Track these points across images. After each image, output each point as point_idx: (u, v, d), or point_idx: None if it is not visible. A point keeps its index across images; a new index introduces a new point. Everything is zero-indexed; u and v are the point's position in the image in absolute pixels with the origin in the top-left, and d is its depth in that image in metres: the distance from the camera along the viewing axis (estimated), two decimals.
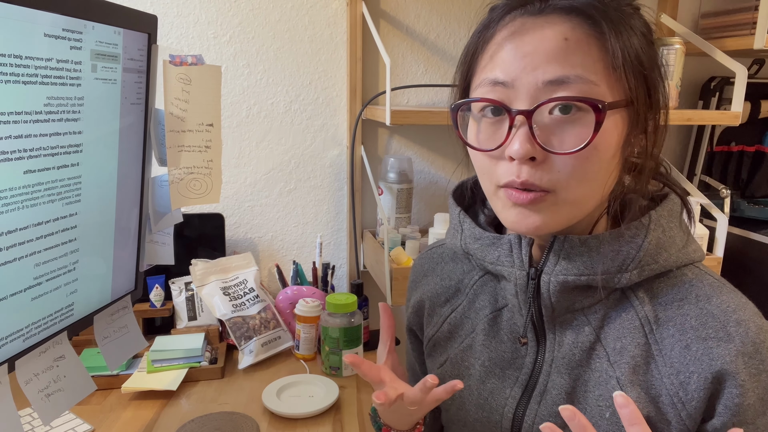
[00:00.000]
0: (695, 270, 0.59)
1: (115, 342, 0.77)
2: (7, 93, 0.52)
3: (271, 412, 0.95)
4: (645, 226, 0.57)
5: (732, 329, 0.54)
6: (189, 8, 1.28)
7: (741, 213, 1.48)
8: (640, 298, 0.58)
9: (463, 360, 0.68)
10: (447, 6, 1.39)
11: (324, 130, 1.39)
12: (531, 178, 0.53)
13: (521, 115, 0.52)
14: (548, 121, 0.53)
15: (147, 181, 0.79)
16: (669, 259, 0.57)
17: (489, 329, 0.66)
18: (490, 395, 0.65)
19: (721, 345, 0.54)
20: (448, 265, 0.74)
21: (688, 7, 1.48)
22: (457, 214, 0.68)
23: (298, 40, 1.34)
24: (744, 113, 1.43)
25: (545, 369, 0.61)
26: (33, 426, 0.88)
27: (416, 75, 1.41)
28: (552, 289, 0.58)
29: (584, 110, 0.52)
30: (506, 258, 0.62)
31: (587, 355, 0.59)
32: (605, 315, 0.59)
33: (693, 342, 0.55)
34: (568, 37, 0.52)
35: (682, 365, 0.55)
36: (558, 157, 0.52)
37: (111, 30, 0.64)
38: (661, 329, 0.57)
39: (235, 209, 1.39)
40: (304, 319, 1.14)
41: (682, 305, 0.57)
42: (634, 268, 0.56)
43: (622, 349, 0.57)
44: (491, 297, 0.67)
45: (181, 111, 0.77)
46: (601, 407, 0.57)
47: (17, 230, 0.56)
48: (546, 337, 0.62)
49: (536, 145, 0.52)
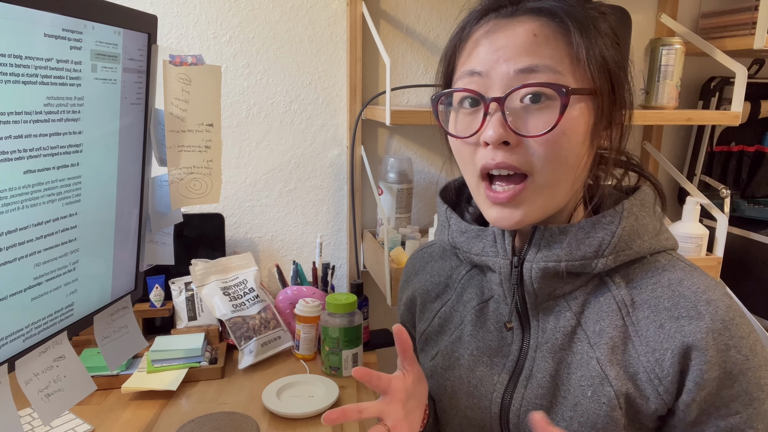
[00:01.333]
0: (668, 256, 0.63)
1: (115, 342, 0.77)
2: (7, 93, 0.52)
3: (271, 412, 0.95)
4: (619, 213, 0.61)
5: (702, 308, 0.58)
6: (189, 8, 1.28)
7: (741, 213, 1.48)
8: (617, 283, 0.62)
9: (453, 351, 0.72)
10: (447, 6, 1.39)
11: (324, 130, 1.39)
12: (507, 159, 0.57)
13: (494, 102, 0.57)
14: (519, 108, 0.57)
15: (147, 181, 0.79)
16: (642, 246, 0.61)
17: (476, 320, 0.70)
18: (479, 382, 0.68)
19: (692, 322, 0.57)
20: (438, 263, 0.78)
21: (688, 7, 1.48)
22: (444, 210, 0.73)
23: (298, 40, 1.34)
24: (744, 113, 1.43)
25: (530, 354, 0.65)
26: (33, 426, 0.88)
27: (416, 75, 1.41)
28: (534, 276, 0.62)
29: (552, 98, 0.56)
30: (491, 248, 0.66)
31: (569, 339, 0.63)
32: (585, 300, 0.63)
33: (666, 321, 0.58)
34: (536, 33, 0.57)
35: (656, 343, 0.58)
36: (530, 141, 0.57)
37: (111, 30, 0.64)
38: (636, 311, 0.60)
39: (235, 209, 1.39)
40: (304, 319, 1.14)
41: (656, 288, 0.61)
42: (610, 254, 0.60)
43: (601, 331, 0.61)
44: (478, 289, 0.71)
45: (181, 111, 0.77)
46: (583, 386, 0.61)
47: (17, 230, 0.56)
48: (530, 324, 0.65)
49: (508, 129, 0.57)
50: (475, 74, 0.59)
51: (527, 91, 0.56)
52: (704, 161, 1.52)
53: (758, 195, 1.52)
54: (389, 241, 1.17)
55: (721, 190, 1.39)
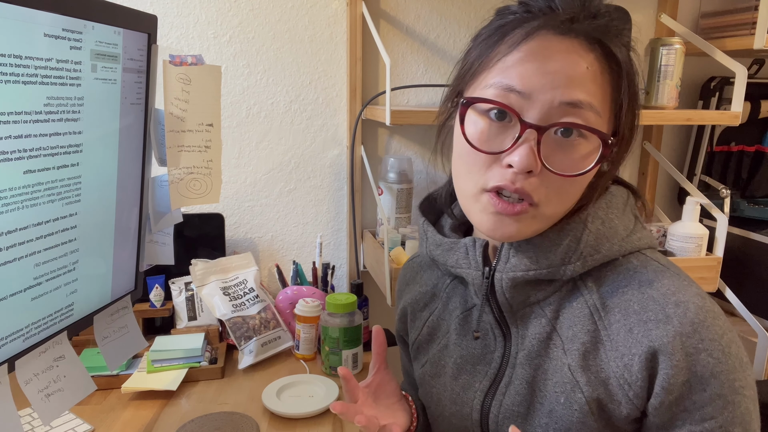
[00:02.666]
0: (641, 257, 0.62)
1: (115, 342, 0.77)
2: (7, 93, 0.52)
3: (271, 412, 0.95)
4: (582, 220, 0.60)
5: (671, 310, 0.56)
6: (189, 8, 1.28)
7: (741, 213, 1.48)
8: (589, 287, 0.61)
9: (440, 359, 0.72)
10: (447, 6, 1.39)
11: (324, 130, 1.39)
12: (526, 188, 0.56)
13: (532, 129, 0.55)
14: (552, 139, 0.56)
15: (147, 181, 0.79)
16: (612, 249, 0.61)
17: (460, 328, 0.70)
18: (462, 390, 0.69)
19: (659, 326, 0.56)
20: (426, 273, 0.79)
21: (688, 7, 1.48)
22: (421, 224, 0.74)
23: (298, 40, 1.34)
24: (744, 113, 1.43)
25: (511, 362, 0.65)
26: (33, 426, 0.88)
27: (416, 75, 1.41)
28: (504, 286, 0.62)
29: (586, 138, 0.56)
30: (463, 260, 0.66)
31: (545, 345, 0.63)
32: (559, 306, 0.63)
33: (635, 325, 0.57)
34: (589, 66, 0.55)
35: (625, 348, 0.58)
36: (550, 174, 0.56)
37: (111, 30, 0.64)
38: (608, 315, 0.60)
39: (235, 209, 1.39)
40: (304, 319, 1.14)
41: (626, 291, 0.60)
42: (577, 260, 0.60)
43: (574, 336, 0.61)
44: (461, 298, 0.72)
45: (181, 111, 0.77)
46: (557, 393, 0.61)
47: (17, 230, 0.56)
48: (511, 333, 0.65)
49: (539, 161, 0.55)
50: (513, 91, 0.55)
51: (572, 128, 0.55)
52: (704, 161, 1.52)
53: (758, 195, 1.52)
54: (389, 241, 1.17)
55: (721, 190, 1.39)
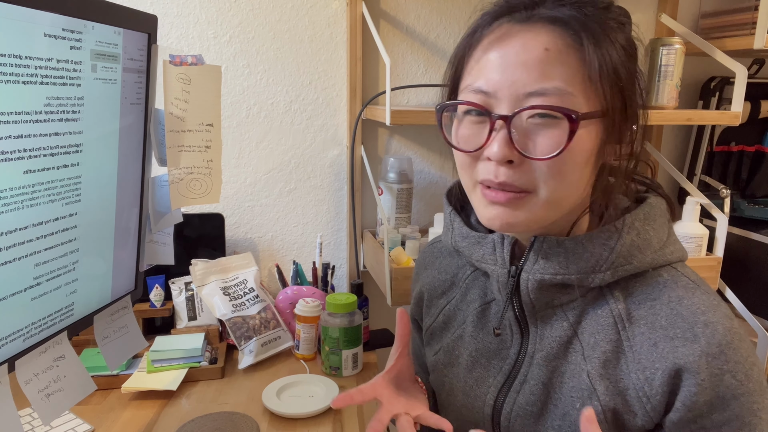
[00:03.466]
0: (672, 271, 0.62)
1: (115, 342, 0.77)
2: (7, 93, 0.52)
3: (271, 412, 0.95)
4: (618, 230, 0.60)
5: (699, 330, 0.56)
6: (189, 8, 1.28)
7: (741, 213, 1.48)
8: (616, 296, 0.61)
9: (454, 349, 0.73)
10: (447, 6, 1.39)
11: (324, 130, 1.39)
12: (508, 179, 0.56)
13: (501, 120, 0.56)
14: (526, 126, 0.56)
15: (147, 181, 0.79)
16: (643, 261, 0.60)
17: (477, 321, 0.70)
18: (475, 383, 0.69)
19: (686, 345, 0.56)
20: (446, 260, 0.79)
21: (688, 7, 1.48)
22: (448, 213, 0.73)
23: (298, 40, 1.34)
24: (744, 113, 1.43)
25: (527, 361, 0.65)
26: (33, 426, 0.88)
27: (416, 75, 1.41)
28: (530, 287, 0.62)
29: (557, 118, 0.55)
30: (490, 256, 0.66)
31: (564, 349, 0.63)
32: (583, 311, 0.62)
33: (661, 340, 0.57)
34: (548, 47, 0.54)
35: (648, 362, 0.58)
36: (533, 160, 0.56)
37: (111, 30, 0.64)
38: (633, 327, 0.59)
39: (235, 209, 1.39)
40: (304, 319, 1.14)
41: (654, 305, 0.59)
42: (607, 269, 0.59)
43: (596, 344, 0.60)
44: (481, 291, 0.72)
45: (181, 111, 0.77)
46: (573, 398, 0.61)
47: (17, 230, 0.56)
48: (529, 331, 0.65)
49: (514, 149, 0.56)
50: (481, 92, 0.57)
51: (535, 112, 0.55)
52: (704, 161, 1.52)
53: (758, 195, 1.52)
54: (389, 241, 1.17)
55: (721, 190, 1.39)
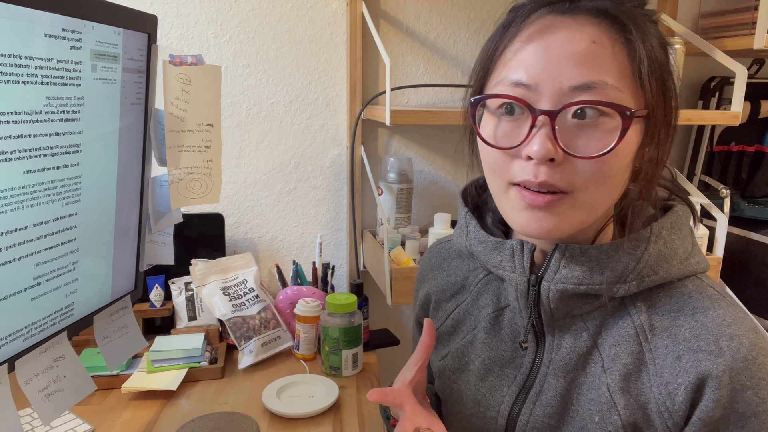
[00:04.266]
0: (696, 281, 0.59)
1: (115, 342, 0.77)
2: (7, 93, 0.52)
3: (271, 412, 0.95)
4: (646, 238, 0.57)
5: (724, 344, 0.54)
6: (189, 8, 1.28)
7: (741, 213, 1.48)
8: (638, 307, 0.58)
9: (464, 355, 0.70)
10: (447, 6, 1.39)
11: (324, 130, 1.39)
12: (550, 179, 0.53)
13: (545, 116, 0.52)
14: (569, 124, 0.52)
15: (147, 181, 0.79)
16: (669, 271, 0.57)
17: (491, 328, 0.68)
18: (488, 392, 0.66)
19: (710, 358, 0.54)
20: (455, 262, 0.75)
21: (688, 7, 1.48)
22: (464, 215, 0.69)
23: (298, 40, 1.34)
24: (744, 113, 1.43)
25: (542, 371, 0.62)
26: (33, 426, 0.88)
27: (416, 75, 1.41)
28: (552, 296, 0.59)
29: (607, 115, 0.52)
30: (508, 263, 0.62)
31: (583, 360, 0.60)
32: (603, 322, 0.60)
33: (684, 353, 0.55)
34: (596, 40, 0.51)
35: (671, 376, 0.55)
36: (577, 160, 0.52)
37: (111, 30, 0.64)
38: (655, 339, 0.57)
39: (235, 209, 1.39)
40: (304, 319, 1.14)
41: (678, 316, 0.57)
42: (633, 279, 0.56)
43: (616, 356, 0.58)
44: (494, 296, 0.68)
45: (181, 111, 0.76)
46: (591, 411, 0.58)
47: (17, 230, 0.56)
48: (545, 340, 0.63)
49: (557, 146, 0.52)
50: (521, 85, 0.53)
51: (586, 107, 0.51)
52: (704, 161, 1.52)
53: (758, 195, 1.52)
54: (389, 241, 1.17)
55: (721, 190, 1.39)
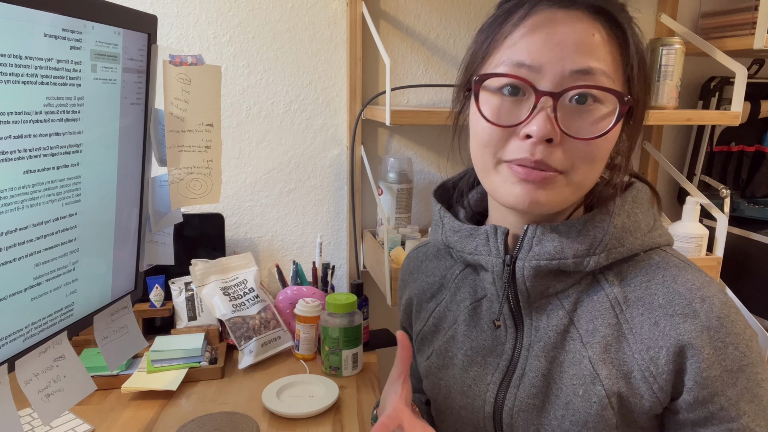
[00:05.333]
0: (662, 253, 0.63)
1: (115, 342, 0.77)
2: (7, 93, 0.52)
3: (271, 412, 0.95)
4: (610, 211, 0.61)
5: (697, 305, 0.57)
6: (189, 8, 1.28)
7: (741, 213, 1.48)
8: (610, 281, 0.62)
9: (447, 351, 0.72)
10: (447, 6, 1.39)
11: (324, 130, 1.39)
12: (545, 159, 0.56)
13: (547, 97, 0.55)
14: (568, 108, 0.56)
15: (147, 181, 0.79)
16: (634, 243, 0.61)
17: (469, 319, 0.70)
18: (473, 382, 0.68)
19: (687, 320, 0.57)
20: (432, 263, 0.78)
21: (688, 7, 1.48)
22: (437, 210, 0.72)
23: (298, 40, 1.34)
24: (744, 113, 1.43)
25: (523, 354, 0.64)
26: (33, 426, 0.88)
27: (416, 75, 1.41)
28: (526, 274, 0.62)
29: (602, 102, 0.56)
30: (483, 247, 0.65)
31: (562, 338, 0.62)
32: (578, 299, 0.63)
33: (661, 319, 0.58)
34: (596, 33, 0.56)
35: (651, 341, 0.58)
36: (572, 141, 0.56)
37: (111, 30, 0.64)
38: (630, 309, 0.60)
39: (235, 209, 1.39)
40: (304, 319, 1.14)
41: (650, 285, 0.60)
42: (602, 251, 0.60)
43: (594, 330, 0.61)
44: (471, 289, 0.71)
45: (181, 111, 0.76)
46: (575, 385, 0.60)
47: (17, 230, 0.56)
48: (524, 324, 0.65)
49: (557, 127, 0.55)
50: (523, 66, 0.56)
51: (584, 91, 0.55)
52: (704, 161, 1.52)
53: (758, 195, 1.52)
54: (389, 241, 1.17)
55: (721, 190, 1.39)
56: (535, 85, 0.55)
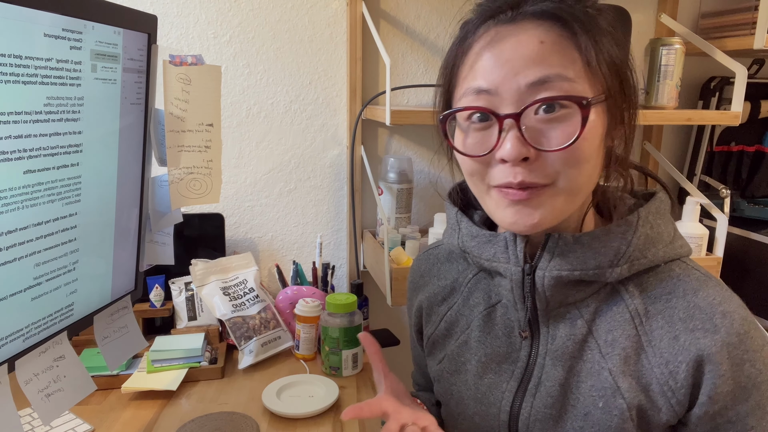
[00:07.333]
0: (682, 265, 0.62)
1: (115, 342, 0.77)
2: (7, 93, 0.52)
3: (271, 412, 0.95)
4: (633, 223, 0.60)
5: (718, 321, 0.57)
6: (189, 8, 1.28)
7: (741, 213, 1.48)
8: (630, 292, 0.61)
9: (460, 356, 0.71)
10: (447, 6, 1.39)
11: (324, 130, 1.39)
12: (527, 178, 0.55)
13: (509, 119, 0.54)
14: (535, 122, 0.55)
15: (147, 181, 0.79)
16: (657, 254, 0.60)
17: (483, 325, 0.69)
18: (488, 389, 0.67)
19: (707, 336, 0.56)
20: (444, 266, 0.77)
21: (688, 7, 1.48)
22: (454, 214, 0.71)
23: (298, 40, 1.34)
24: (744, 113, 1.43)
25: (539, 362, 0.64)
26: (33, 426, 0.88)
27: (416, 75, 1.41)
28: (546, 284, 0.61)
29: (568, 107, 0.54)
30: (502, 255, 0.64)
31: (580, 347, 0.62)
32: (597, 308, 0.62)
33: (681, 333, 0.58)
34: (543, 40, 0.54)
35: (671, 355, 0.57)
36: (550, 153, 0.55)
37: (111, 30, 0.64)
38: (650, 321, 0.59)
39: (235, 209, 1.39)
40: (304, 319, 1.14)
41: (671, 298, 0.60)
42: (624, 263, 0.59)
43: (614, 341, 0.60)
44: (485, 294, 0.70)
45: (181, 111, 0.76)
46: (594, 397, 0.60)
47: (17, 230, 0.56)
48: (540, 332, 0.64)
49: (527, 145, 0.54)
50: (482, 92, 0.56)
51: (544, 105, 0.54)
52: (704, 161, 1.52)
53: (758, 195, 1.52)
54: (389, 241, 1.17)
55: (721, 190, 1.39)
56: (495, 110, 0.55)
